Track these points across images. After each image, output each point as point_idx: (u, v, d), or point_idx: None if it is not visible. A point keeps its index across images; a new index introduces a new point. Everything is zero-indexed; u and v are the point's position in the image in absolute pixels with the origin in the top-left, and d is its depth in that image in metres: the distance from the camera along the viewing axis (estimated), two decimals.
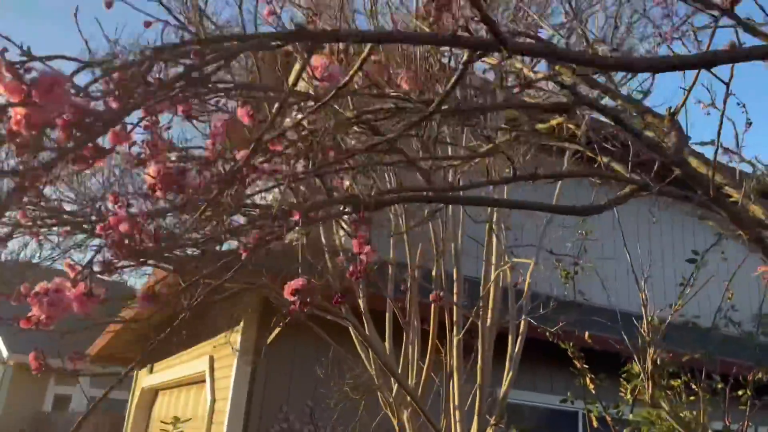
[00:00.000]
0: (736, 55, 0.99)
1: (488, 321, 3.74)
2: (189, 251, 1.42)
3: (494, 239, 3.79)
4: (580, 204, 1.58)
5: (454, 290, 3.75)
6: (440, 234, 3.76)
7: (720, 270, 3.65)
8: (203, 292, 1.60)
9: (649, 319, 3.44)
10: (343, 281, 3.90)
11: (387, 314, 3.97)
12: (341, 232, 4.36)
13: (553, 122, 1.74)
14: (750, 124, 2.19)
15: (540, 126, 1.59)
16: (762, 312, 3.87)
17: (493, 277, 3.77)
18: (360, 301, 3.90)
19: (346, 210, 1.48)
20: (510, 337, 3.92)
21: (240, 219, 1.42)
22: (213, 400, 5.58)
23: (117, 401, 12.05)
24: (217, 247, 1.75)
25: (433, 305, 3.60)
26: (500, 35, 0.87)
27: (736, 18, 1.26)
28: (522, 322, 3.87)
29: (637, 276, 3.26)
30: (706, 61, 0.92)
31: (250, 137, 1.07)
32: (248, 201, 1.33)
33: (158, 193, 0.84)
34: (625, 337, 3.32)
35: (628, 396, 3.30)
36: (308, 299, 1.26)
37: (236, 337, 5.04)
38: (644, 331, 2.91)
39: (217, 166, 0.92)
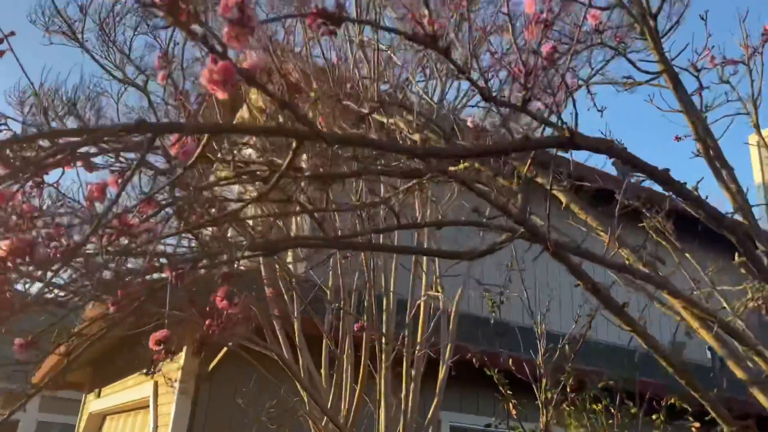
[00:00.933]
0: (538, 143, 1.16)
1: (417, 348, 3.88)
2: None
3: (421, 270, 3.95)
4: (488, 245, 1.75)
5: (384, 319, 3.89)
6: (371, 264, 3.90)
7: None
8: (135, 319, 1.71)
9: (563, 342, 3.66)
10: (280, 308, 4.02)
11: (324, 341, 4.08)
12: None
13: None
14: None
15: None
16: (675, 339, 4.10)
17: (422, 305, 3.92)
18: (295, 328, 4.01)
19: (246, 255, 1.61)
20: (440, 362, 4.07)
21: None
22: (155, 427, 5.59)
23: (67, 426, 11.84)
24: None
25: (364, 333, 3.73)
26: (321, 133, 1.02)
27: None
28: (449, 348, 4.02)
29: (534, 307, 3.46)
30: (501, 149, 1.09)
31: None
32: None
33: (9, 264, 0.96)
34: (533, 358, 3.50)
35: (544, 419, 3.48)
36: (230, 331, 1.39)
37: (177, 364, 5.08)
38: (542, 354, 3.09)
39: (60, 240, 1.04)
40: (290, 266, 4.03)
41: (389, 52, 2.95)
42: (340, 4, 0.87)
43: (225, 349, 4.56)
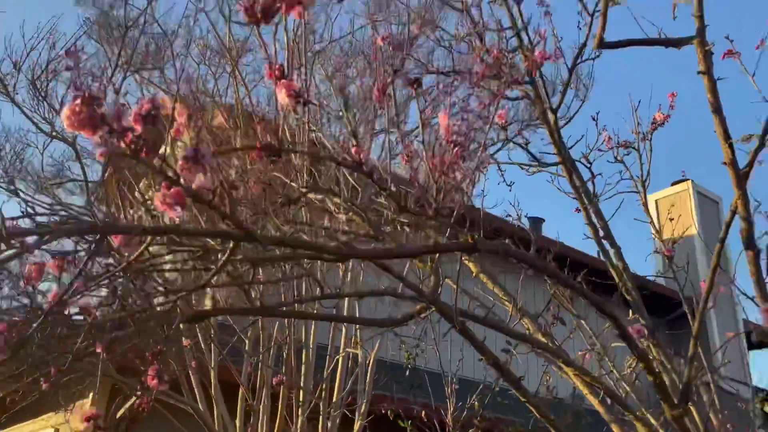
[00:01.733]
0: (445, 247, 1.34)
1: (333, 400, 3.97)
2: None
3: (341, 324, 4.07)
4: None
5: (303, 371, 3.97)
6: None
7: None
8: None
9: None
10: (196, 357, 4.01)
11: (240, 391, 4.10)
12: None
13: None
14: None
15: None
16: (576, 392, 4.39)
17: (340, 359, 4.03)
18: (211, 379, 4.02)
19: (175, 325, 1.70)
20: (356, 415, 4.17)
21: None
22: None
23: None
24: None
25: (282, 385, 3.79)
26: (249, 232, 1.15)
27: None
28: (365, 403, 4.13)
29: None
30: (414, 253, 1.26)
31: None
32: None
33: None
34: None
35: None
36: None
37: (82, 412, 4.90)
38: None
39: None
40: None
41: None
42: (278, 141, 1.03)
43: (136, 399, 4.47)
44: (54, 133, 2.68)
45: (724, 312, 9.97)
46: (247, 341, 4.20)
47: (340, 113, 2.89)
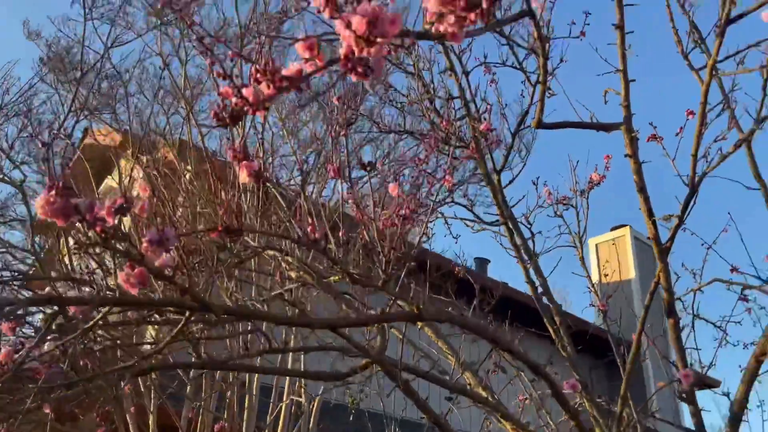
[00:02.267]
0: (392, 317, 1.43)
1: None
2: None
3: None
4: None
5: (245, 417, 3.93)
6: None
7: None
8: None
9: None
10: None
11: None
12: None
13: None
14: None
15: None
16: None
17: (283, 407, 4.02)
18: (150, 423, 3.93)
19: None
20: None
21: None
22: None
23: None
24: None
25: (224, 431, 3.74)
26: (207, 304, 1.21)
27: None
28: None
29: None
30: (362, 322, 1.34)
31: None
32: None
33: None
34: None
35: None
36: None
37: None
38: None
39: None
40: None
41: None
42: (237, 218, 1.09)
43: None
44: (1, 176, 2.66)
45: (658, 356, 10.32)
46: (189, 385, 4.14)
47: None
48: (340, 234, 2.15)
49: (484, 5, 0.90)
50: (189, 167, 4.18)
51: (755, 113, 2.10)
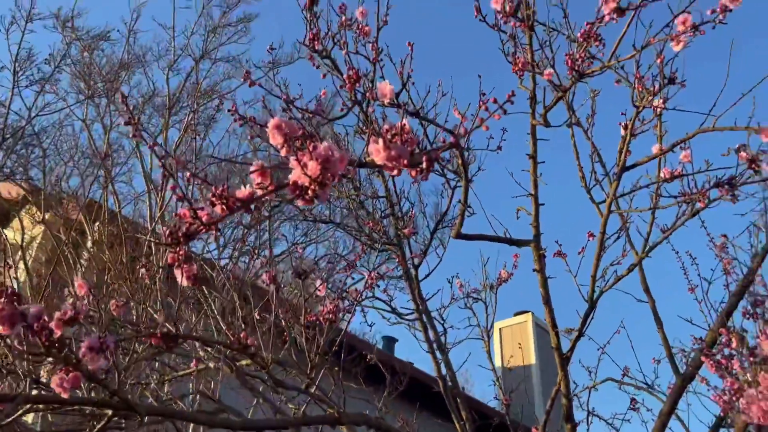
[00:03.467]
0: (312, 420, 1.48)
1: None
2: None
3: None
4: None
5: None
6: None
7: None
8: None
9: None
10: None
11: None
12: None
13: None
14: None
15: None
16: None
17: None
18: None
19: None
20: None
21: None
22: None
23: None
24: None
25: None
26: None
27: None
28: None
29: None
30: (282, 425, 1.38)
31: None
32: None
33: None
34: None
35: None
36: None
37: None
38: None
39: None
40: None
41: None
42: (175, 327, 1.14)
43: None
44: None
45: None
46: None
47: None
48: (255, 314, 2.19)
49: (424, 165, 1.04)
50: (98, 230, 4.08)
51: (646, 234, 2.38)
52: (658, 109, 1.97)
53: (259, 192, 1.10)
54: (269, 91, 1.97)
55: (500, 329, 12.56)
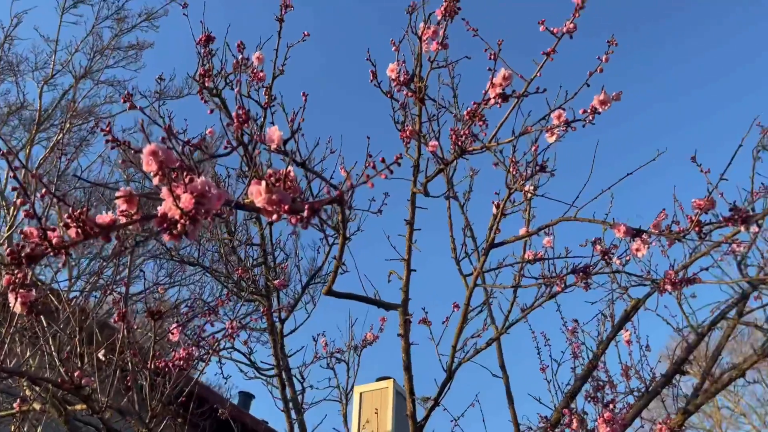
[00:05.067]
0: None
1: None
2: None
3: None
4: None
5: None
6: None
7: None
8: None
9: None
10: None
11: None
12: None
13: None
14: None
15: None
16: None
17: None
18: None
19: None
20: None
21: None
22: None
23: None
24: None
25: None
26: None
27: None
28: None
29: None
30: None
31: None
32: None
33: None
34: None
35: None
36: None
37: None
38: None
39: None
40: None
41: None
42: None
43: None
44: None
45: None
46: None
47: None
48: (99, 354, 2.01)
49: (305, 214, 1.02)
50: None
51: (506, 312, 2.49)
52: (529, 194, 2.11)
53: (123, 220, 1.03)
54: (153, 120, 1.88)
55: (361, 393, 12.48)
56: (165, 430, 1.73)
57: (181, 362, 1.45)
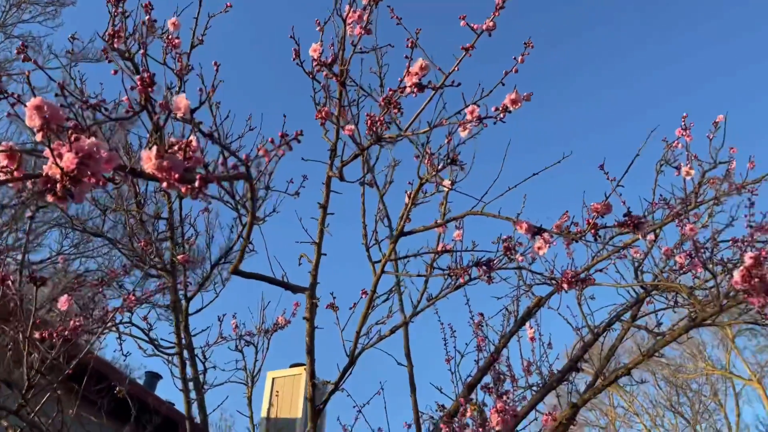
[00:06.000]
0: None
1: None
2: None
3: None
4: None
5: None
6: None
7: None
8: None
9: None
10: None
11: None
12: None
13: None
14: None
15: None
16: None
17: None
18: None
19: None
20: None
21: None
22: None
23: None
24: None
25: None
26: None
27: None
28: None
29: None
30: None
31: None
32: None
33: None
34: None
35: None
36: None
37: None
38: None
39: None
40: None
41: None
42: None
43: None
44: None
45: None
46: None
47: None
48: None
49: (197, 185, 0.99)
50: None
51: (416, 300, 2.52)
52: (443, 187, 2.14)
53: (1, 177, 0.97)
54: (62, 84, 1.78)
55: (273, 378, 12.38)
56: (49, 404, 1.65)
57: (67, 332, 1.38)
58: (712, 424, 14.16)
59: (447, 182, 2.08)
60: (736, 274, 1.71)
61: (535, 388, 2.98)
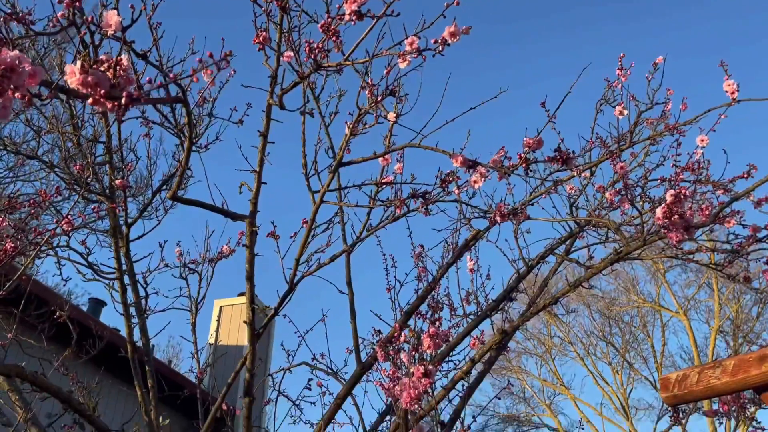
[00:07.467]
0: None
1: None
2: None
3: None
4: None
5: None
6: None
7: None
8: None
9: None
10: None
11: None
12: None
13: None
14: None
15: None
16: None
17: None
18: None
19: None
20: None
21: None
22: None
23: None
24: None
25: None
26: None
27: None
28: None
29: None
30: None
31: None
32: None
33: None
34: None
35: None
36: None
37: None
38: None
39: None
40: None
41: None
42: None
43: None
44: None
45: None
46: None
47: None
48: None
49: (123, 102, 0.98)
50: None
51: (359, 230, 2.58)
52: (388, 120, 2.15)
53: None
54: None
55: (221, 307, 12.47)
56: None
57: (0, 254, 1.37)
58: (640, 352, 15.11)
59: (392, 115, 2.09)
60: (659, 211, 1.81)
61: (472, 316, 3.12)
